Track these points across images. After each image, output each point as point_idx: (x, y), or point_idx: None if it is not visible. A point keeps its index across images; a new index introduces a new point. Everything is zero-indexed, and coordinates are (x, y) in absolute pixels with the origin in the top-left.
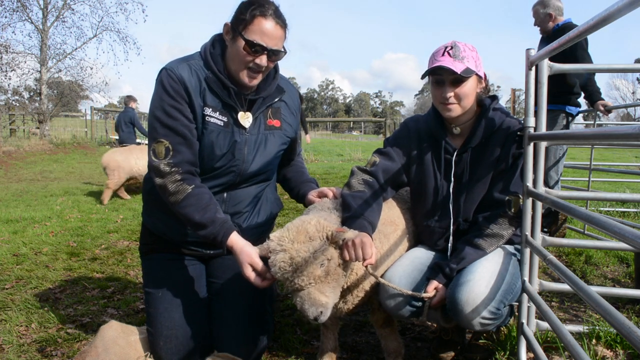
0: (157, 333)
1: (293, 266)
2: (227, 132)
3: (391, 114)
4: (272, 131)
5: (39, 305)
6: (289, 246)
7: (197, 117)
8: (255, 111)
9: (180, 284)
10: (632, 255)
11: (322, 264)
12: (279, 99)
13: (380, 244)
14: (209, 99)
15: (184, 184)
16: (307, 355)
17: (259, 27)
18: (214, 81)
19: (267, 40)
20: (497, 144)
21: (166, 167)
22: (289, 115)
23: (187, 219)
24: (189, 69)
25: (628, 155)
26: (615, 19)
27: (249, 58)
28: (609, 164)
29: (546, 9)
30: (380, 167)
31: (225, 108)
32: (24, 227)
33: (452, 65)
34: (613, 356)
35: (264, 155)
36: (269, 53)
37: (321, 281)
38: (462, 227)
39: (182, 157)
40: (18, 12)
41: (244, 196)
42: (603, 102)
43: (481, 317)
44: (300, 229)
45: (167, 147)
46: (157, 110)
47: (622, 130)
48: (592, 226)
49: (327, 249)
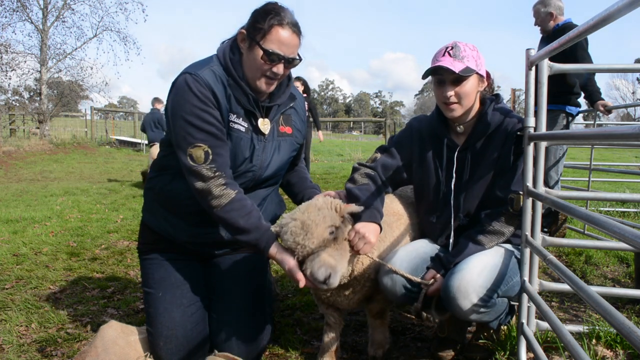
0: (157, 333)
1: (304, 229)
2: (247, 138)
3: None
4: (285, 138)
5: (39, 305)
6: (299, 215)
7: (225, 123)
8: (272, 118)
9: (180, 284)
10: (632, 255)
11: (331, 230)
12: (290, 106)
13: (384, 233)
14: (233, 105)
15: (228, 188)
16: (307, 355)
17: (276, 37)
18: (236, 88)
19: (284, 49)
20: (498, 143)
21: (209, 171)
22: (299, 121)
23: (230, 223)
24: (213, 75)
25: (628, 155)
26: (615, 19)
27: (266, 67)
28: (609, 164)
29: (547, 8)
30: (379, 163)
31: (246, 114)
32: (24, 227)
33: (451, 65)
34: (613, 356)
35: (277, 161)
36: (285, 61)
37: (330, 246)
38: (462, 223)
39: (222, 160)
40: (18, 12)
41: (252, 198)
42: (603, 102)
43: (472, 304)
44: (310, 204)
45: (207, 151)
46: (188, 116)
47: (622, 130)
48: (592, 226)
49: (336, 218)
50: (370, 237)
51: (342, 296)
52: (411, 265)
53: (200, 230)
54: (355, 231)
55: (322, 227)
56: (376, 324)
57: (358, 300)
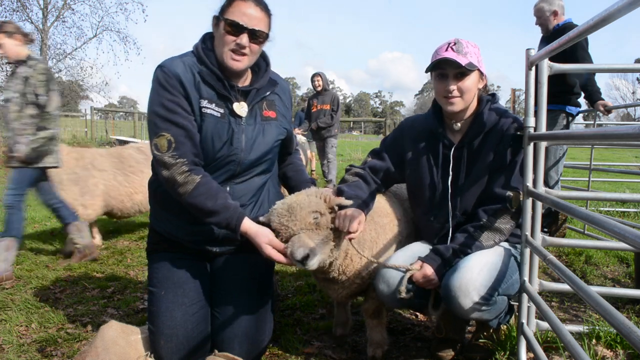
0: (159, 332)
1: (289, 212)
2: (224, 122)
3: (391, 114)
4: (269, 121)
5: (39, 305)
6: (288, 199)
7: (195, 109)
8: (250, 101)
9: (182, 283)
10: (632, 255)
11: (315, 216)
12: (272, 91)
13: (376, 234)
14: (204, 91)
15: (191, 174)
16: (307, 355)
17: (238, 9)
18: (208, 74)
19: (246, 20)
20: (493, 143)
21: (171, 158)
22: (283, 107)
23: (199, 208)
24: (182, 64)
25: (628, 155)
26: (615, 19)
27: (230, 38)
28: (609, 164)
29: (552, 6)
30: (368, 165)
31: (220, 99)
32: (24, 227)
33: (456, 58)
34: (613, 356)
35: (262, 144)
36: (250, 33)
37: (312, 229)
38: (460, 221)
39: (185, 148)
40: (18, 12)
41: (247, 189)
42: (603, 102)
43: (473, 302)
44: (301, 192)
45: (169, 139)
46: (155, 106)
47: (622, 130)
48: (592, 226)
49: (322, 205)
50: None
51: (331, 289)
52: (407, 263)
53: (199, 228)
54: (340, 214)
55: (305, 211)
56: (373, 324)
57: (347, 295)
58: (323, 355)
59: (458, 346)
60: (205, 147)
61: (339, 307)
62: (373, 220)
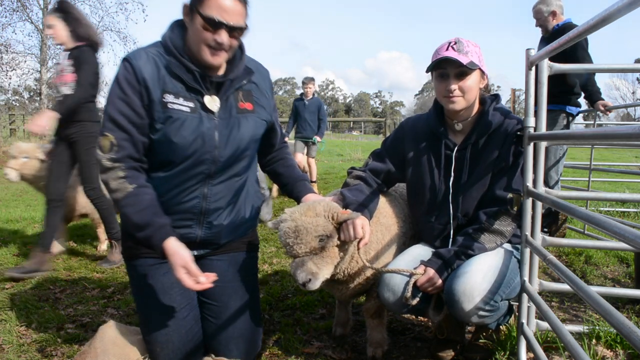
0: (153, 340)
1: (295, 233)
2: (194, 118)
3: (391, 114)
4: (245, 115)
5: (39, 305)
6: (296, 217)
7: (155, 105)
8: (222, 94)
9: (168, 289)
10: (632, 255)
11: (321, 238)
12: (248, 80)
13: (382, 236)
14: (170, 85)
15: (125, 182)
16: (307, 355)
17: (215, 3)
18: (176, 65)
19: (225, 15)
20: (497, 144)
21: (108, 162)
22: (261, 97)
23: (127, 218)
24: (145, 56)
25: (628, 155)
26: (615, 19)
27: (208, 35)
28: (609, 164)
29: (549, 7)
30: (369, 167)
31: (190, 92)
32: (24, 227)
33: (457, 57)
34: (613, 356)
35: (237, 139)
36: (229, 29)
37: (316, 254)
38: (461, 223)
39: (125, 152)
40: (18, 12)
41: (225, 191)
42: (603, 102)
43: (477, 308)
44: (311, 206)
45: (112, 141)
46: (108, 104)
47: (622, 130)
48: (592, 226)
49: (329, 227)
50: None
51: (335, 288)
52: (409, 267)
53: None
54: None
55: (312, 236)
56: (374, 324)
57: (351, 295)
58: (323, 355)
59: (458, 346)
60: (174, 146)
61: (339, 306)
62: (379, 222)
